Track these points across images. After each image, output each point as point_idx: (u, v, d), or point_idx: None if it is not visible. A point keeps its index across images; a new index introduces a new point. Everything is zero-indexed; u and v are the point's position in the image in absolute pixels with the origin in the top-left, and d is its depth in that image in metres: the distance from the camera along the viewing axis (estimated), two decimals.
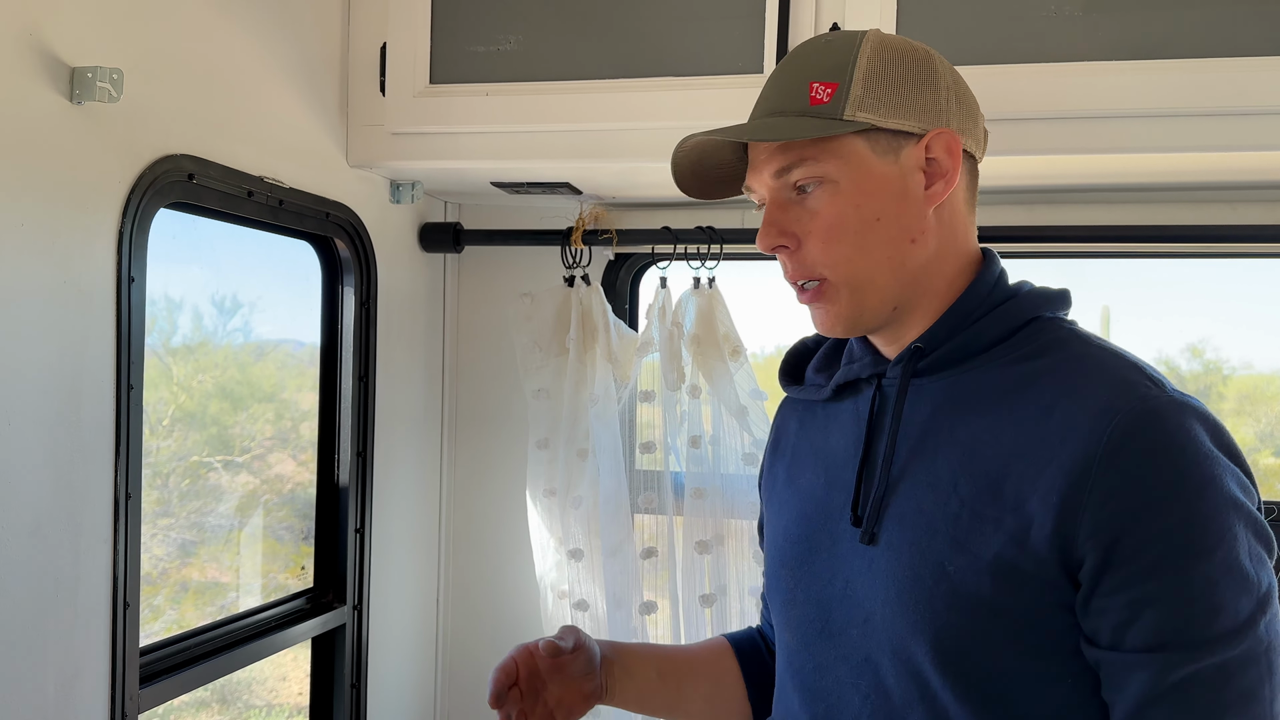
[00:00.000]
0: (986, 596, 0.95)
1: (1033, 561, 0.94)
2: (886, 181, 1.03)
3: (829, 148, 1.03)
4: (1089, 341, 1.03)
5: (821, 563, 1.09)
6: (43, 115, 1.27)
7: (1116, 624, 0.92)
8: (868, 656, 1.03)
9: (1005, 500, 0.96)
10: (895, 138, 1.04)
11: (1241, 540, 0.91)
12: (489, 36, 1.81)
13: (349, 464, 1.96)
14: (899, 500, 1.03)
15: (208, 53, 1.54)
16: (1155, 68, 1.56)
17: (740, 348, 2.06)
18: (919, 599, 0.99)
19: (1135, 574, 0.91)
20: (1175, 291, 2.17)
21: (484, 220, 2.26)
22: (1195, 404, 0.95)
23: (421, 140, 1.86)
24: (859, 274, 1.04)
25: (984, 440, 0.99)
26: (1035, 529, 0.94)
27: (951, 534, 0.98)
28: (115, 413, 1.39)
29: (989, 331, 1.04)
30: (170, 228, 1.56)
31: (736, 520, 2.08)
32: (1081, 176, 1.85)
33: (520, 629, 2.28)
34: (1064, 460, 0.93)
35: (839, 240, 1.03)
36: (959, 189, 1.07)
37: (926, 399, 1.05)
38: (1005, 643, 0.96)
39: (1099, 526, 0.91)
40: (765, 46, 1.68)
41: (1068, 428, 0.94)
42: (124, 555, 1.40)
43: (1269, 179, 1.81)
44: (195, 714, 1.90)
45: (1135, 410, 0.93)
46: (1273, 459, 2.21)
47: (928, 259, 1.05)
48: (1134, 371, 0.97)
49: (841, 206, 1.03)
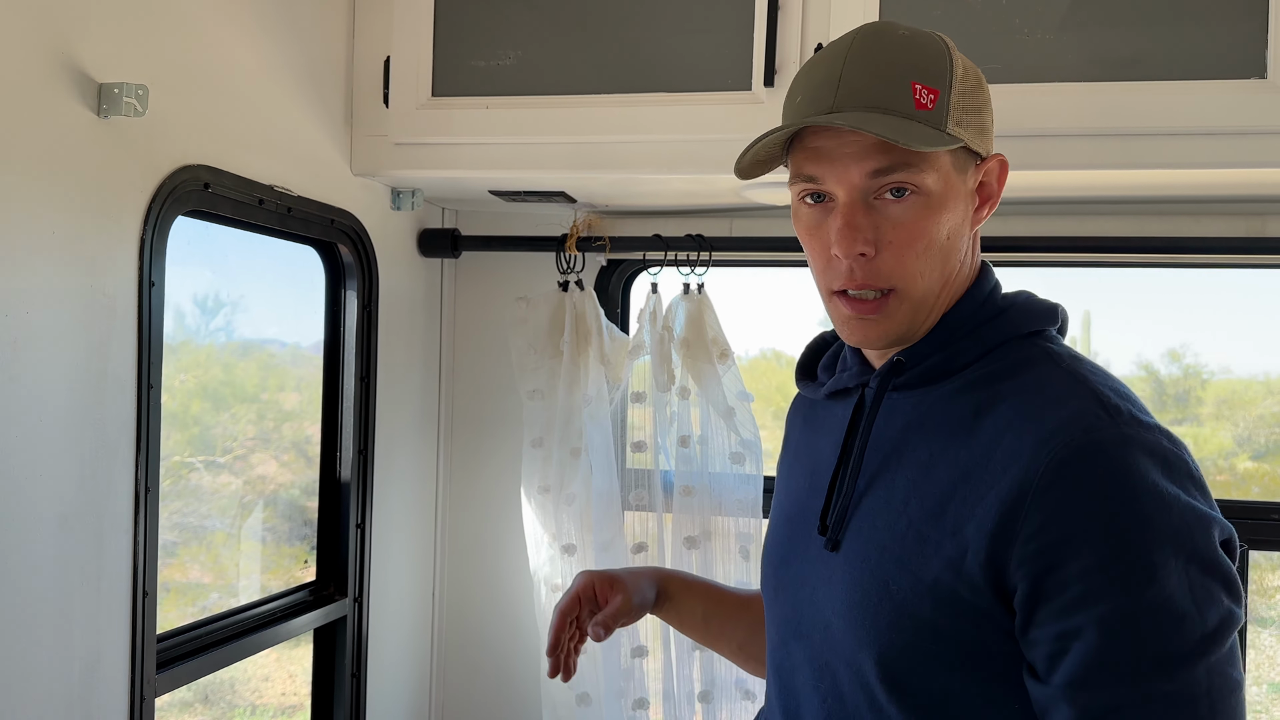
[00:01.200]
0: (927, 618, 0.95)
1: (968, 588, 0.93)
2: (960, 200, 1.02)
3: (930, 156, 0.98)
4: (1059, 363, 1.00)
5: (796, 565, 1.10)
6: (72, 129, 1.34)
7: (1046, 657, 0.91)
8: (827, 662, 1.04)
9: (946, 524, 0.95)
10: (969, 157, 1.02)
11: (1179, 577, 0.88)
12: (489, 51, 1.88)
13: (350, 461, 2.02)
14: (860, 513, 1.02)
15: (222, 68, 1.62)
16: (1124, 88, 1.64)
17: (728, 351, 2.12)
18: (865, 614, 0.99)
19: (1063, 607, 0.89)
20: (1155, 298, 2.20)
21: (481, 227, 2.33)
22: (1148, 437, 0.92)
23: (423, 150, 1.93)
24: (926, 290, 1.01)
25: (939, 461, 0.98)
26: (970, 555, 0.93)
27: (898, 553, 0.97)
28: (136, 410, 1.46)
29: (969, 349, 1.02)
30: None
31: (724, 517, 2.15)
32: (1054, 189, 1.93)
33: (514, 621, 2.34)
34: (1002, 488, 0.92)
35: (920, 254, 0.99)
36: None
37: (900, 413, 1.04)
38: (948, 664, 0.95)
39: (1029, 557, 0.90)
40: (754, 65, 1.75)
41: (1011, 455, 0.93)
42: (144, 546, 1.47)
43: (1229, 193, 1.89)
44: (179, 715, 1.92)
45: (1075, 442, 0.90)
46: (1250, 463, 2.24)
47: (955, 278, 1.04)
48: (1089, 400, 0.94)
49: (930, 221, 0.99)
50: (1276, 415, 2.22)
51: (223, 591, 2.01)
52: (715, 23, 1.78)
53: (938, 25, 1.71)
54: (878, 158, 0.97)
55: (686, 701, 2.15)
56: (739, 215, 2.21)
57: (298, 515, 2.13)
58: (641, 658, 2.18)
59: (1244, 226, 1.98)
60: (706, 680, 2.14)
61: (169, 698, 1.64)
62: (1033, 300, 1.07)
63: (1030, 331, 1.04)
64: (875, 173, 0.98)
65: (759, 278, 2.37)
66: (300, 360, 2.11)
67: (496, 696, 2.36)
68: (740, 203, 2.10)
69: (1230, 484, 2.27)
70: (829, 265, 1.02)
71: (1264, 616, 2.28)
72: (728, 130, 1.77)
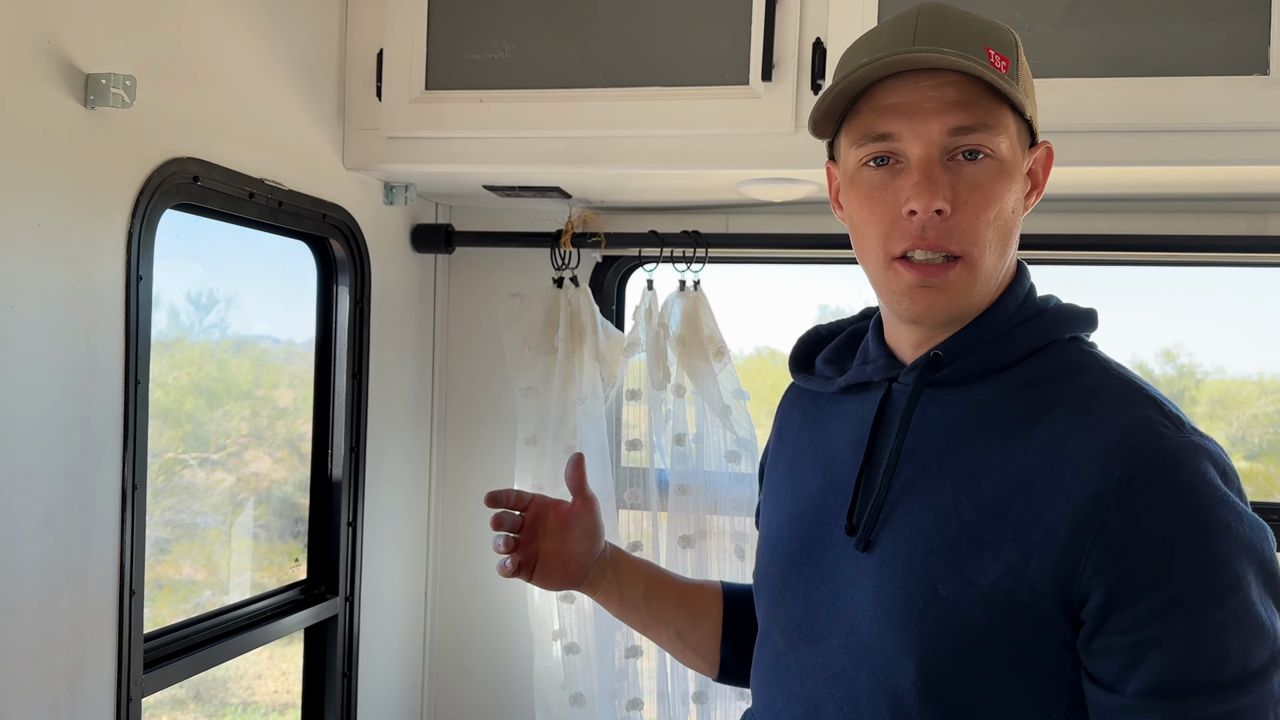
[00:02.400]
0: (978, 624, 0.92)
1: (1029, 593, 0.91)
2: (1021, 177, 1.00)
3: (1005, 122, 0.97)
4: (1109, 369, 0.99)
5: (812, 567, 1.06)
6: (58, 120, 1.32)
7: (1119, 666, 0.89)
8: (844, 669, 1.00)
9: (1007, 528, 0.93)
10: (1027, 137, 1.01)
11: (1255, 588, 0.88)
12: (484, 45, 1.86)
13: (342, 459, 2.00)
14: (898, 515, 0.99)
15: (211, 59, 1.59)
16: (1124, 85, 1.63)
17: (724, 349, 2.11)
18: (908, 619, 0.95)
19: (1142, 616, 0.87)
20: (1149, 297, 2.20)
21: (475, 222, 2.31)
22: (1210, 446, 0.92)
23: (416, 144, 1.91)
24: (990, 265, 0.99)
25: (992, 465, 0.96)
26: (1036, 560, 0.91)
27: (948, 557, 0.94)
28: (123, 407, 1.43)
29: (1011, 349, 1.00)
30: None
31: (719, 516, 2.14)
32: (1054, 187, 1.91)
33: (507, 621, 2.33)
34: (1074, 493, 0.90)
35: (991, 221, 0.97)
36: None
37: (937, 412, 1.01)
38: (994, 674, 0.93)
39: (1106, 564, 0.88)
40: (751, 59, 1.74)
41: (1080, 461, 0.91)
42: (130, 545, 1.45)
43: (1229, 191, 1.88)
44: (171, 712, 1.91)
45: (1151, 449, 0.89)
46: (1245, 463, 2.24)
47: (1006, 268, 1.03)
48: (1152, 407, 0.94)
49: (1002, 185, 0.97)
50: (1270, 415, 2.22)
51: (216, 589, 2.00)
52: (712, 16, 1.77)
53: None
54: (959, 114, 0.95)
55: (681, 702, 2.13)
56: (736, 212, 2.20)
57: (291, 512, 2.11)
58: (635, 658, 2.17)
59: (1245, 225, 1.97)
60: (701, 680, 2.13)
61: (160, 695, 1.62)
62: (1064, 304, 1.05)
63: (1070, 336, 1.03)
64: (956, 130, 0.95)
65: (755, 275, 2.35)
66: (294, 357, 2.09)
67: (489, 697, 2.34)
68: (737, 199, 2.09)
69: None
70: (894, 227, 0.98)
71: None
72: (725, 126, 1.75)
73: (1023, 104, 0.98)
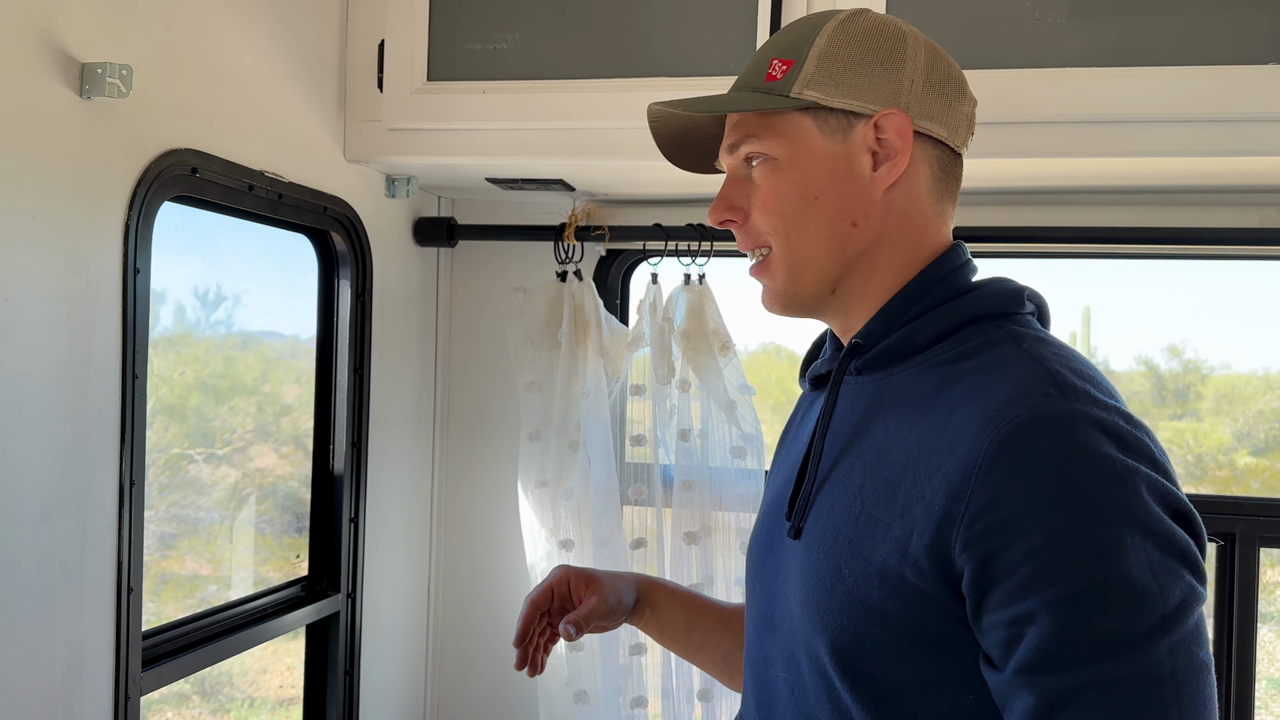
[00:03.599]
0: (875, 601, 0.93)
1: (914, 570, 0.91)
2: (829, 160, 1.02)
3: (771, 125, 1.04)
4: (1020, 344, 0.97)
5: (771, 558, 1.09)
6: (54, 110, 1.30)
7: (1000, 644, 0.87)
8: (792, 653, 1.03)
9: (896, 505, 0.93)
10: (844, 118, 1.02)
11: (1135, 554, 0.83)
12: (486, 35, 1.84)
13: (344, 454, 1.98)
14: (820, 499, 1.02)
15: (210, 48, 1.57)
16: (1135, 74, 1.60)
17: (729, 343, 2.09)
18: (820, 600, 0.97)
19: (1012, 591, 0.85)
20: (1155, 292, 2.19)
21: (478, 215, 2.29)
22: (1101, 415, 0.88)
23: (418, 136, 1.89)
24: (795, 251, 1.04)
25: (893, 444, 0.96)
26: (915, 537, 0.90)
27: (850, 536, 0.96)
28: (120, 402, 1.42)
29: (926, 330, 1.00)
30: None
31: (724, 512, 2.12)
32: (1063, 179, 1.90)
33: (511, 618, 2.31)
34: (949, 468, 0.89)
35: (776, 213, 1.04)
36: (919, 175, 1.04)
37: (863, 398, 1.03)
38: (899, 651, 0.93)
39: (973, 539, 0.87)
40: (758, 48, 1.71)
41: (958, 434, 0.90)
42: (128, 541, 1.43)
43: (1242, 183, 1.86)
44: (176, 708, 1.90)
45: (1020, 419, 0.87)
46: (1250, 458, 2.24)
47: (871, 244, 1.03)
48: (1043, 379, 0.90)
49: (779, 182, 1.03)
50: (1276, 410, 2.21)
51: (221, 584, 2.00)
52: (718, 4, 1.75)
53: (946, 10, 1.68)
54: (731, 134, 1.08)
55: (685, 699, 2.11)
56: None
57: (296, 508, 2.10)
58: (640, 655, 2.15)
59: (1257, 217, 1.94)
60: (705, 679, 2.11)
61: (164, 690, 1.61)
62: (1003, 283, 1.04)
63: (998, 314, 1.01)
64: (729, 148, 1.08)
65: None
66: (299, 352, 2.08)
67: (493, 695, 2.33)
68: None
69: (1230, 479, 2.26)
70: None
71: (1264, 612, 2.27)
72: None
73: (803, 97, 1.02)
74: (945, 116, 1.04)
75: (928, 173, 1.05)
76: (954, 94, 1.05)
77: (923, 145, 1.04)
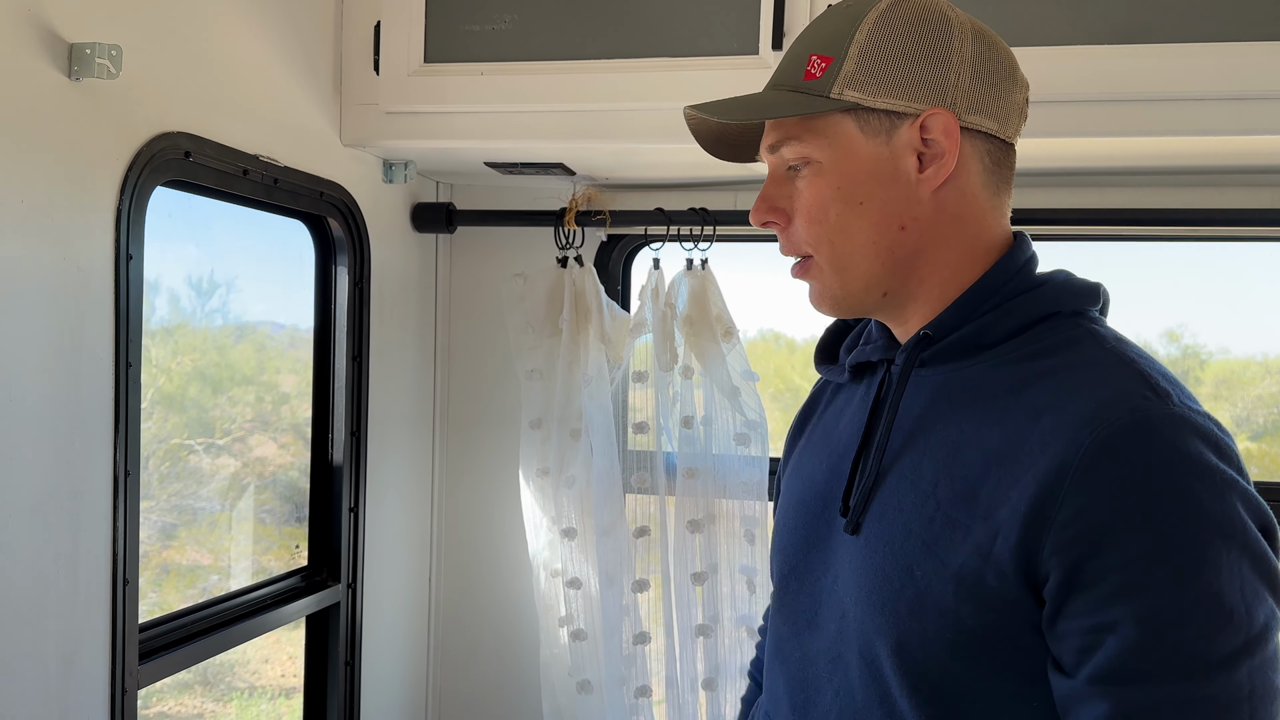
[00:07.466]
0: (950, 606, 0.90)
1: (995, 574, 0.88)
2: (873, 163, 0.98)
3: (813, 127, 0.99)
4: (1103, 344, 0.95)
5: (816, 554, 1.06)
6: (41, 92, 1.27)
7: (1076, 651, 0.86)
8: (841, 653, 1.00)
9: (978, 507, 0.90)
10: (888, 118, 0.98)
11: (1230, 571, 0.82)
12: (484, 16, 1.80)
13: (343, 443, 1.96)
14: (882, 494, 0.98)
15: (203, 30, 1.54)
16: (1146, 51, 1.57)
17: (733, 329, 2.06)
18: (885, 600, 0.94)
19: (1099, 598, 0.83)
20: (1154, 276, 2.18)
21: (477, 201, 2.26)
22: (1198, 419, 0.86)
23: (415, 120, 1.85)
24: (841, 256, 1.00)
25: (970, 441, 0.94)
26: (1000, 540, 0.88)
27: (924, 537, 0.93)
28: (114, 390, 1.39)
29: (999, 325, 0.97)
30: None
31: (728, 500, 2.09)
32: (1072, 159, 1.87)
33: (512, 607, 2.29)
34: (1039, 470, 0.87)
35: (820, 221, 1.00)
36: (970, 171, 1.00)
37: (928, 390, 1.00)
38: (967, 657, 0.91)
39: (1065, 544, 0.85)
40: (761, 28, 1.68)
41: (1050, 436, 0.87)
42: (123, 532, 1.40)
43: (1257, 163, 1.83)
44: (179, 696, 1.89)
45: (1120, 422, 0.85)
46: (1249, 443, 2.22)
47: (922, 245, 0.99)
48: (1136, 381, 0.89)
49: (822, 188, 0.99)
50: (1275, 395, 2.21)
51: (222, 574, 1.98)
52: None
53: None
54: (771, 135, 1.04)
55: (690, 689, 2.09)
56: (744, 188, 2.14)
57: (297, 497, 2.08)
58: (644, 644, 2.13)
59: (1270, 197, 1.91)
60: (710, 667, 2.09)
61: (167, 680, 1.59)
62: (1072, 278, 1.01)
63: (1072, 311, 0.98)
64: (770, 149, 1.04)
65: (765, 253, 2.30)
66: (297, 342, 2.06)
67: (495, 684, 2.31)
68: (746, 175, 2.04)
69: None
70: None
71: None
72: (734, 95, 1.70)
73: (844, 98, 0.98)
74: (994, 108, 1.00)
75: (979, 167, 1.00)
76: (1005, 83, 1.01)
77: (971, 140, 0.99)
